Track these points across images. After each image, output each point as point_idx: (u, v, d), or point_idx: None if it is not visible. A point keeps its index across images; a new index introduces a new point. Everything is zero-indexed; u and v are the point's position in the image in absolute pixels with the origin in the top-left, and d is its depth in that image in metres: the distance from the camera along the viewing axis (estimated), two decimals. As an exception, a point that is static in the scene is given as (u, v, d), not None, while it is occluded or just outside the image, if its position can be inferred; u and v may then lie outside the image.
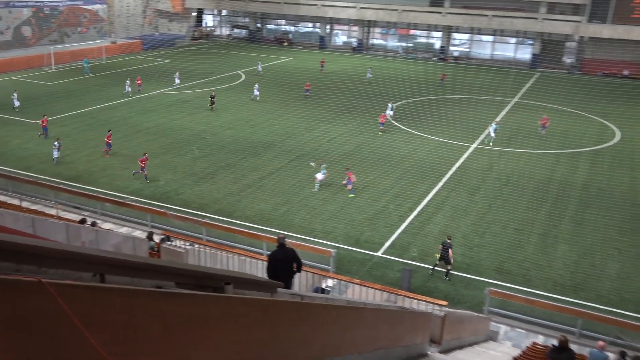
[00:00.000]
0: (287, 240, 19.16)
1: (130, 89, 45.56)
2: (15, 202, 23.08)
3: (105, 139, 31.38)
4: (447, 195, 27.12)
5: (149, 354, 3.55)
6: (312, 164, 29.07)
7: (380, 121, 37.38)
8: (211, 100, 41.80)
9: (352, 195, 26.49)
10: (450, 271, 19.95)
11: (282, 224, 23.46)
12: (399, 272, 19.65)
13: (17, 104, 39.83)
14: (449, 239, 20.23)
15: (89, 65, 55.02)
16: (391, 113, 40.25)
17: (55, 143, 29.98)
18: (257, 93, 44.64)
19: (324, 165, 27.57)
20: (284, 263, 10.91)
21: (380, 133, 36.66)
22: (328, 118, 40.37)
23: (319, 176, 27.21)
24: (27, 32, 64.85)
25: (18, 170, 28.39)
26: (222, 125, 38.02)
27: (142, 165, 27.59)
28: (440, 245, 20.12)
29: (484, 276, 20.03)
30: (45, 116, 35.01)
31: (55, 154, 29.79)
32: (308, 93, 46.24)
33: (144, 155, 28.13)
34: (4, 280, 2.66)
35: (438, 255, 20.21)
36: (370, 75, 54.32)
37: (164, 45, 72.84)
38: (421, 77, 54.17)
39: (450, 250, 19.78)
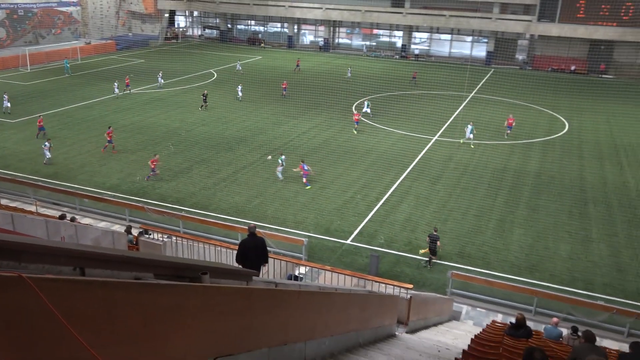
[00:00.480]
0: (261, 230, 19.08)
1: (118, 90, 44.19)
2: (-6, 199, 22.43)
3: (107, 136, 30.92)
4: (410, 185, 27.35)
5: (130, 344, 3.49)
6: (269, 157, 29.37)
7: (354, 119, 36.57)
8: (204, 99, 40.78)
9: (308, 187, 26.49)
10: (434, 261, 19.93)
11: (256, 215, 23.35)
12: (367, 258, 19.78)
13: (7, 105, 38.39)
14: (436, 231, 20.10)
15: (70, 65, 53.70)
16: (368, 110, 39.55)
17: (46, 143, 28.85)
18: (241, 94, 43.76)
19: (283, 158, 27.59)
20: (254, 251, 10.88)
21: (355, 132, 35.75)
22: (296, 114, 40.25)
23: (279, 167, 27.35)
24: (2, 34, 62.89)
25: (-4, 169, 27.62)
26: (195, 122, 37.57)
27: (153, 166, 26.95)
28: (428, 238, 20.05)
29: (446, 260, 20.29)
30: (41, 116, 34.12)
31: (48, 154, 28.61)
32: (285, 92, 45.39)
33: (155, 156, 27.61)
34: (-17, 277, 2.57)
35: (423, 250, 20.09)
36: (350, 75, 53.75)
37: (137, 46, 71.55)
38: (384, 74, 54.35)
39: (438, 242, 19.78)
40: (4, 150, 31.04)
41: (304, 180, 26.71)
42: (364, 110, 39.63)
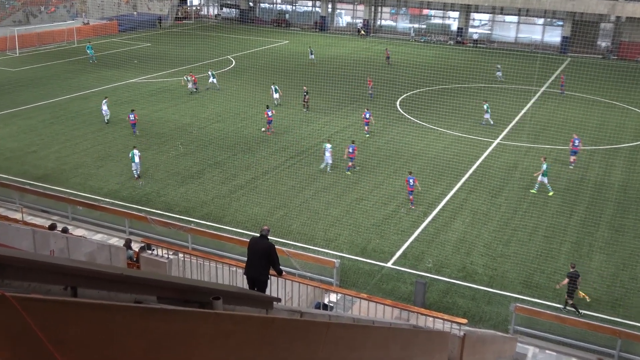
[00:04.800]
0: (284, 249, 19.15)
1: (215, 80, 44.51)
2: (-26, 205, 23.08)
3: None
4: (465, 198, 27.10)
5: (128, 378, 3.52)
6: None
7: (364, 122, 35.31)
8: (305, 97, 40.52)
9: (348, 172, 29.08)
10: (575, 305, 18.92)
11: (279, 230, 23.41)
12: (412, 286, 19.63)
13: (107, 113, 36.16)
14: (573, 267, 19.13)
15: (93, 51, 53.82)
16: (487, 116, 37.70)
17: (136, 152, 27.95)
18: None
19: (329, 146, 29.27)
20: (253, 256, 11.97)
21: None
22: (328, 109, 40.30)
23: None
24: (-12, 12, 64.94)
25: (-23, 169, 28.41)
26: (209, 118, 38.02)
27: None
28: (567, 278, 18.90)
29: (509, 290, 19.99)
30: (134, 111, 34.29)
31: (136, 166, 27.93)
32: (371, 92, 43.36)
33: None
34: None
35: (584, 295, 19.10)
36: (500, 74, 51.03)
37: (143, 27, 72.89)
38: (436, 63, 54.15)
39: (579, 279, 18.83)
40: (-14, 147, 31.95)
41: (350, 164, 29.58)
42: (485, 117, 37.84)
